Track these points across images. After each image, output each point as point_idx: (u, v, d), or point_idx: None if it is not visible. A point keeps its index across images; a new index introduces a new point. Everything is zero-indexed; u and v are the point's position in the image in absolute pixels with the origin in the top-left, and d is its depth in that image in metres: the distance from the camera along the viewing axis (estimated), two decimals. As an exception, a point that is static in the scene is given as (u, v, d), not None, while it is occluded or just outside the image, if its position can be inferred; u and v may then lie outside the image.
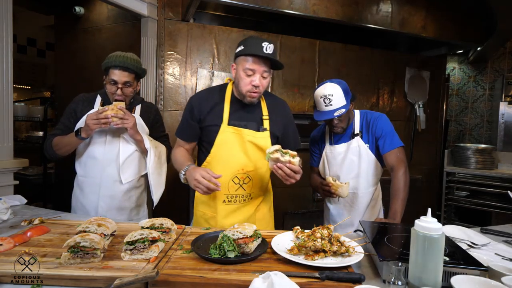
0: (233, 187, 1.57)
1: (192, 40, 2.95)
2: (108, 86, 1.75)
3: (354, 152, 1.80)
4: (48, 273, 0.95)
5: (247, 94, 1.50)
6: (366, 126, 1.80)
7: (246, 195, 1.61)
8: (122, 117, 1.65)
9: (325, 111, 1.69)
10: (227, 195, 1.58)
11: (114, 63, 1.70)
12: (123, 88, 1.74)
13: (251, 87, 1.48)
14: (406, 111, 3.93)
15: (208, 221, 1.63)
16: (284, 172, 1.39)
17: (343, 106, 1.67)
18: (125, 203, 1.82)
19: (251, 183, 1.60)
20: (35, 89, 5.64)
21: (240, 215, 1.62)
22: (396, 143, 1.72)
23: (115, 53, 1.74)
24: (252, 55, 1.44)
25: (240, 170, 1.56)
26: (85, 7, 3.39)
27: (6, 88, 1.95)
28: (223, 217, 1.59)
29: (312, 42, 3.38)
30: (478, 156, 3.88)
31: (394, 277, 0.89)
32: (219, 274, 0.98)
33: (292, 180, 1.43)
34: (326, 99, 1.67)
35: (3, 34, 1.93)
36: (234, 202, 1.59)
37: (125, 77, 1.73)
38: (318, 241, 1.09)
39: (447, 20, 3.49)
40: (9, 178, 2.01)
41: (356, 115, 1.84)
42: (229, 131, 1.55)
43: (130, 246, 1.08)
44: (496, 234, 1.51)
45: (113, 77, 1.72)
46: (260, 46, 1.42)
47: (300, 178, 1.45)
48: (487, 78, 4.68)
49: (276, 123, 1.64)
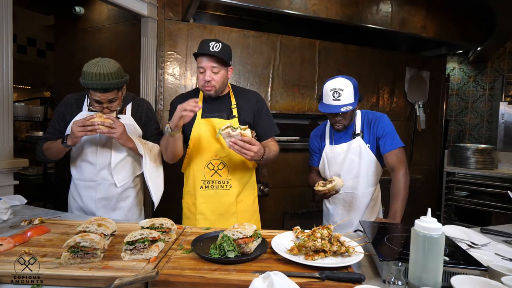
0: (208, 172, 1.73)
1: (192, 40, 2.95)
2: (94, 104, 1.66)
3: (354, 152, 1.79)
4: (48, 273, 0.95)
5: (203, 89, 1.68)
6: (367, 126, 1.80)
7: (223, 181, 1.74)
8: (109, 125, 1.58)
9: (332, 105, 1.69)
10: (203, 181, 1.73)
11: (93, 86, 1.55)
12: (108, 106, 1.66)
13: (204, 83, 1.65)
14: (406, 111, 3.93)
15: (189, 209, 1.78)
16: (239, 145, 1.49)
17: (350, 104, 1.66)
18: (121, 203, 1.81)
19: (226, 169, 1.74)
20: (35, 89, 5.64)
21: (218, 202, 1.73)
22: (397, 143, 1.72)
23: (91, 71, 1.54)
24: (200, 54, 1.63)
25: (213, 156, 1.72)
26: (85, 7, 3.38)
27: (6, 88, 1.95)
28: (201, 202, 1.73)
29: (312, 42, 3.38)
30: (478, 156, 3.88)
31: (394, 277, 0.89)
32: (219, 274, 0.98)
33: (250, 152, 1.51)
34: (336, 93, 1.68)
35: (3, 34, 1.93)
36: (211, 187, 1.73)
37: (109, 96, 1.62)
38: (318, 241, 1.09)
39: (447, 20, 3.49)
40: (9, 178, 2.01)
41: (357, 114, 1.84)
42: (202, 123, 1.72)
43: (130, 246, 1.08)
44: (496, 234, 1.51)
45: (96, 98, 1.62)
46: (207, 46, 1.61)
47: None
48: (487, 78, 4.68)
49: (245, 110, 1.77)
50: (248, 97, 1.82)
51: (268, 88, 3.24)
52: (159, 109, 2.89)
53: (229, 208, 1.74)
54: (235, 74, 3.10)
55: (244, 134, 1.48)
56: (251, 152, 1.50)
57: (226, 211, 1.74)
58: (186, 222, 1.80)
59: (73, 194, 1.85)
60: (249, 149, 1.50)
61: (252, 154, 1.51)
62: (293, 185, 3.32)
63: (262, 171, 3.15)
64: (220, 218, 1.74)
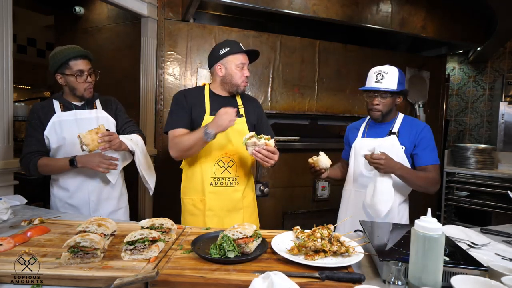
0: (218, 170, 1.76)
1: (192, 40, 2.95)
2: (77, 79, 1.74)
3: (386, 149, 1.63)
4: (48, 273, 0.95)
5: (242, 84, 1.76)
6: (408, 128, 1.72)
7: (232, 178, 1.78)
8: (109, 139, 1.61)
9: (372, 86, 1.69)
10: (213, 178, 1.75)
11: (73, 54, 1.71)
12: (90, 76, 1.78)
13: (244, 78, 1.75)
14: (406, 111, 3.93)
15: (196, 205, 1.77)
16: (263, 154, 1.55)
17: (392, 90, 1.65)
18: (112, 193, 1.90)
19: (235, 166, 1.78)
20: (35, 89, 5.63)
21: (227, 199, 1.77)
22: (436, 159, 1.68)
23: (60, 49, 1.74)
24: (240, 52, 1.73)
25: (223, 154, 1.76)
26: (85, 7, 3.39)
27: (6, 88, 1.95)
28: (211, 199, 1.74)
29: (312, 42, 3.38)
30: (478, 156, 3.88)
31: (394, 277, 0.89)
32: (219, 274, 0.98)
33: (271, 161, 1.58)
34: (379, 75, 1.68)
35: (3, 34, 1.92)
36: (220, 184, 1.76)
37: (88, 65, 1.78)
38: (318, 241, 1.09)
39: (447, 20, 3.49)
40: (9, 178, 2.01)
41: (399, 116, 1.79)
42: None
43: (130, 246, 1.08)
44: (496, 234, 1.51)
45: (79, 67, 1.73)
46: (239, 45, 1.76)
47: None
48: (487, 78, 4.69)
49: (250, 112, 1.86)
50: (251, 100, 1.94)
51: (268, 88, 3.24)
52: (159, 109, 2.89)
53: (237, 204, 1.79)
54: (235, 74, 3.10)
55: (268, 144, 1.55)
56: (273, 160, 1.59)
57: (234, 207, 1.79)
58: (191, 219, 1.80)
59: (59, 194, 1.84)
60: (272, 158, 1.58)
61: (273, 162, 1.60)
62: (293, 185, 3.32)
63: (262, 171, 3.15)
64: (228, 214, 1.78)
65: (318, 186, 3.42)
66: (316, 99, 3.44)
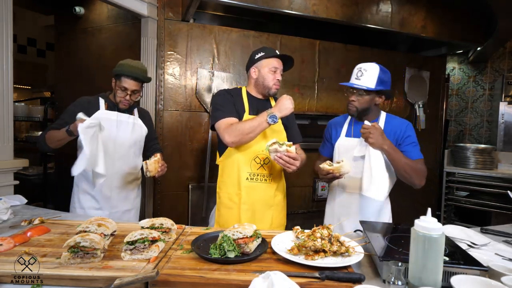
0: (255, 166, 1.82)
1: (192, 40, 2.95)
2: (118, 91, 1.89)
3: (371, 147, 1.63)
4: (48, 273, 0.95)
5: (273, 86, 1.85)
6: (392, 128, 1.73)
7: (267, 175, 1.84)
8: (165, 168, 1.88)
9: (350, 83, 1.69)
10: (249, 173, 1.81)
11: (126, 73, 1.85)
12: (131, 95, 1.90)
13: (276, 81, 1.85)
14: (406, 111, 3.93)
15: (232, 199, 1.83)
16: (284, 160, 1.60)
17: (369, 88, 1.64)
18: (131, 194, 2.05)
19: (270, 164, 1.85)
20: (35, 89, 5.63)
21: (260, 194, 1.83)
22: (419, 154, 1.71)
23: (126, 62, 1.88)
24: (274, 56, 1.84)
25: (260, 152, 1.81)
26: (85, 7, 3.39)
27: (6, 88, 1.95)
28: (246, 193, 1.81)
29: (312, 42, 3.38)
30: (478, 156, 3.88)
31: (394, 277, 0.89)
32: (219, 274, 0.98)
33: (292, 166, 1.64)
34: (359, 72, 1.67)
35: (3, 34, 1.93)
36: (256, 180, 1.82)
37: (135, 86, 1.90)
38: (318, 241, 1.09)
39: (447, 20, 3.49)
40: (9, 178, 2.01)
41: (381, 115, 1.79)
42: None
43: (130, 246, 1.08)
44: (496, 234, 1.51)
45: (124, 85, 1.87)
46: (274, 51, 1.86)
47: (299, 171, 1.64)
48: (487, 78, 4.69)
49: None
50: None
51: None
52: (159, 109, 2.89)
53: (268, 200, 1.85)
54: (236, 75, 3.10)
55: (289, 151, 1.59)
56: (294, 166, 1.64)
57: (266, 203, 1.85)
58: (226, 212, 1.85)
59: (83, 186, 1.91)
60: (293, 164, 1.63)
61: (295, 168, 1.65)
62: (293, 185, 3.32)
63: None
64: (260, 209, 1.84)
65: (318, 186, 3.42)
66: (316, 99, 3.44)
